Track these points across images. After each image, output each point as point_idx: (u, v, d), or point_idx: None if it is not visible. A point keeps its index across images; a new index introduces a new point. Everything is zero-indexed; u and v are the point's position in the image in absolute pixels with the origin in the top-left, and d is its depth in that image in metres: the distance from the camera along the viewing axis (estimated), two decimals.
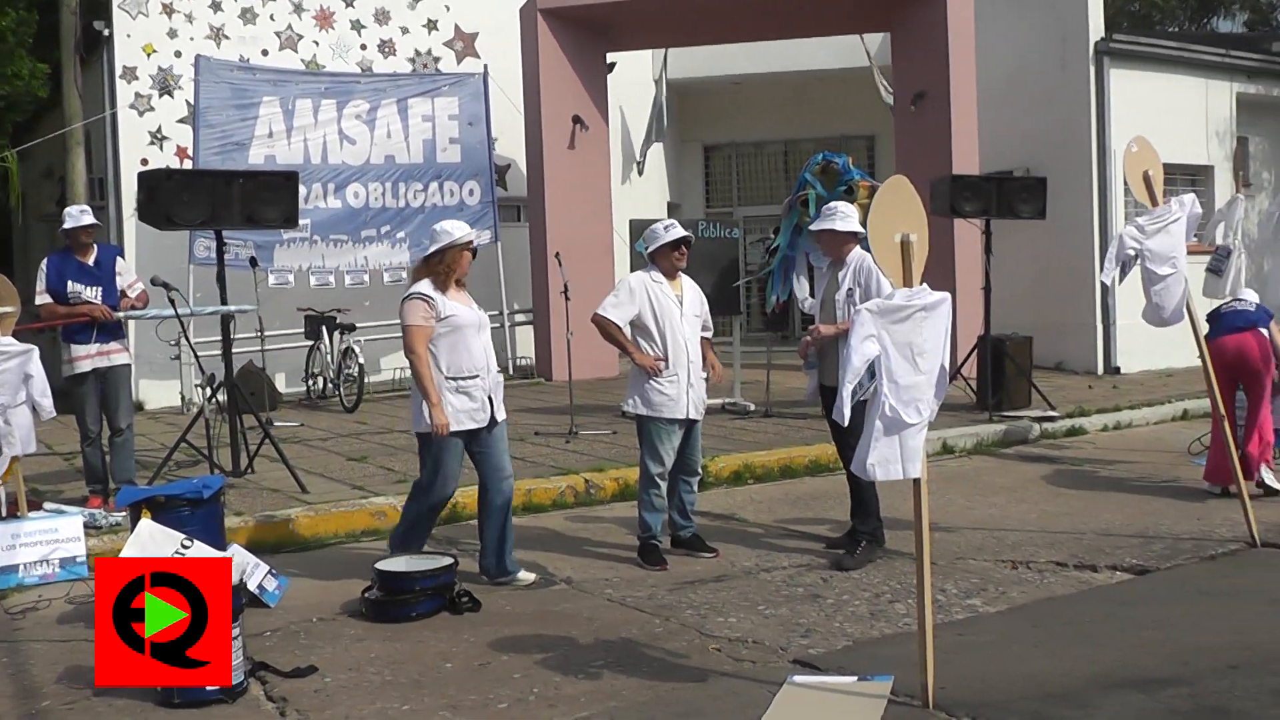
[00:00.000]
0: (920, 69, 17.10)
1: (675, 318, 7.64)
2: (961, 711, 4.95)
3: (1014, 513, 9.01)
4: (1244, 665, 5.47)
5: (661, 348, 7.62)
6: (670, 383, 7.57)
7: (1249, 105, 20.18)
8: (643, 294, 7.65)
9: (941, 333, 5.27)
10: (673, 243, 7.66)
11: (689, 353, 7.63)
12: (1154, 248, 8.00)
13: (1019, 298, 17.57)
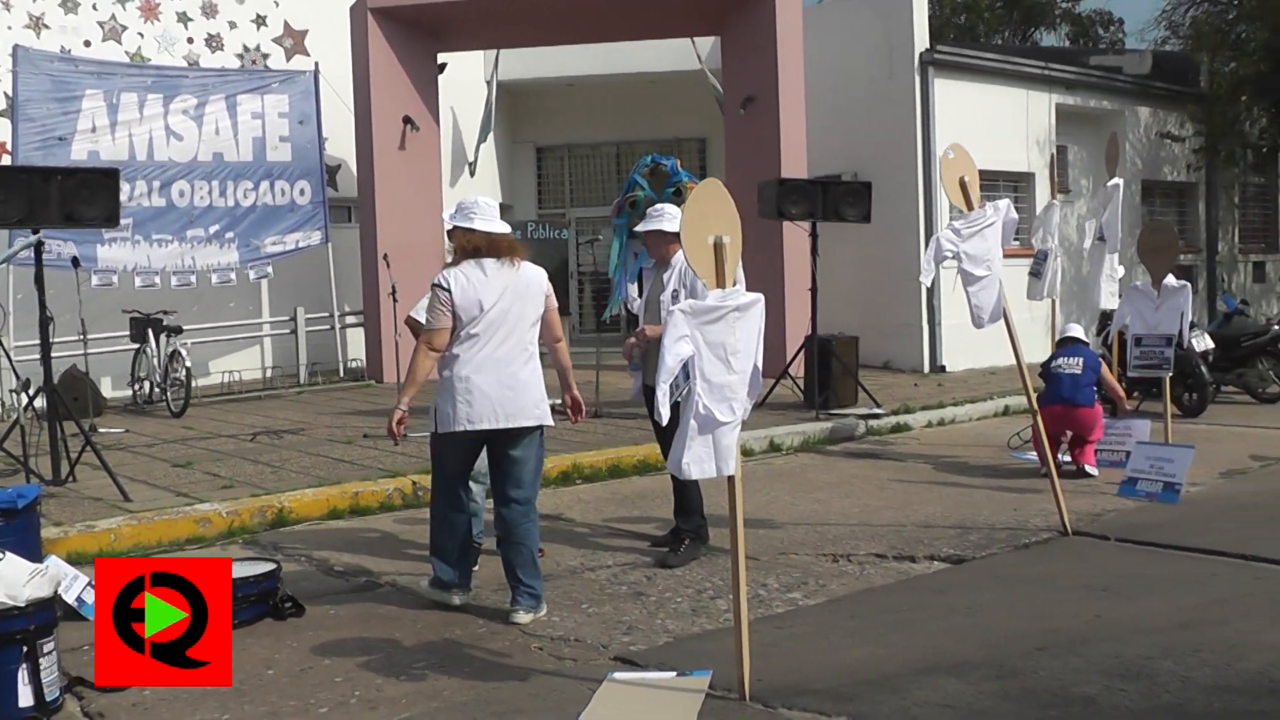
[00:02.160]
0: (750, 73, 17.34)
1: None
2: (777, 702, 5.05)
3: (837, 507, 9.19)
4: (1050, 647, 5.69)
5: None
6: None
7: (1068, 116, 20.92)
8: None
9: (754, 333, 5.37)
10: None
11: None
12: (970, 250, 8.22)
13: (847, 299, 17.95)
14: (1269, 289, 25.83)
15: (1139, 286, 10.78)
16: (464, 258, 6.38)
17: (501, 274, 6.37)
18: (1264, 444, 11.81)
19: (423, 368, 6.34)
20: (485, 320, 6.30)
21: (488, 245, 6.37)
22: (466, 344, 6.31)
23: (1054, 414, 10.09)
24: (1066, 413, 10.22)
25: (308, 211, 17.56)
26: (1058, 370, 10.41)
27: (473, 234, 6.38)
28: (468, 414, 6.28)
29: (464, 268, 6.34)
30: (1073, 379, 10.31)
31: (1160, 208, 23.85)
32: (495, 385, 6.31)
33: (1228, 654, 5.56)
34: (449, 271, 6.34)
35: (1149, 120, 23.19)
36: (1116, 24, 40.18)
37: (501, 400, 6.33)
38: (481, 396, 6.28)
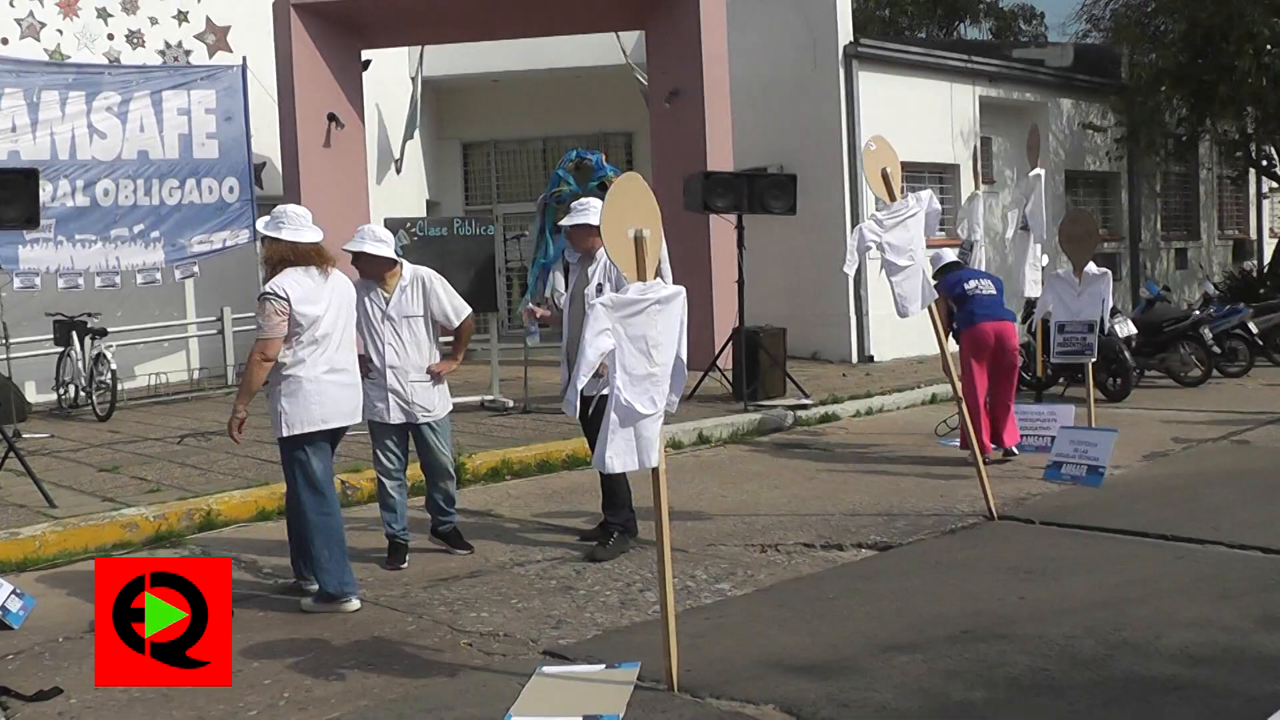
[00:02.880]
0: (675, 67, 17.36)
1: (376, 321, 7.54)
2: (705, 692, 5.07)
3: (766, 498, 9.25)
4: (976, 630, 5.78)
5: (367, 352, 7.56)
6: (374, 386, 7.52)
7: (991, 108, 21.14)
8: (358, 298, 7.59)
9: (676, 325, 5.39)
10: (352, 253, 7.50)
11: (386, 357, 7.52)
12: (893, 241, 8.31)
13: (775, 290, 18.04)
14: (1191, 275, 26.23)
15: (1061, 274, 10.93)
16: (279, 266, 6.62)
17: (327, 281, 6.72)
18: (1186, 427, 12.01)
19: (259, 377, 6.58)
20: (323, 325, 6.65)
21: (294, 254, 6.63)
22: (309, 348, 6.62)
23: (983, 332, 10.30)
24: (998, 329, 10.35)
25: (235, 210, 17.36)
26: (975, 293, 10.51)
27: (279, 243, 6.65)
28: (322, 414, 6.64)
29: (294, 276, 6.59)
30: (992, 298, 10.54)
31: (1084, 197, 24.15)
32: (340, 386, 6.74)
33: (1149, 631, 5.67)
34: (281, 281, 6.55)
35: (1071, 111, 23.48)
36: (1039, 18, 40.63)
37: (346, 399, 6.81)
38: (331, 397, 6.67)
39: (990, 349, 10.38)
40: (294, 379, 6.57)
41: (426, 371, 7.62)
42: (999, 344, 10.40)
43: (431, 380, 7.65)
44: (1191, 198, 27.46)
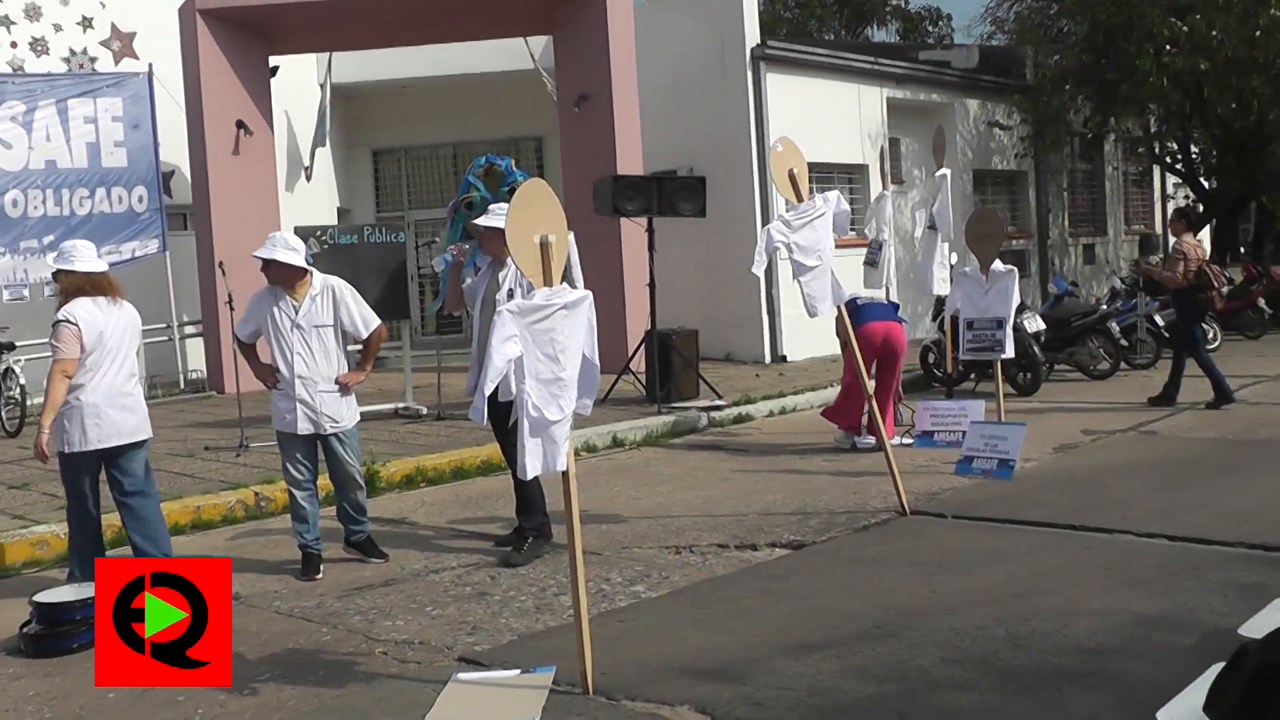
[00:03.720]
0: (583, 71, 17.37)
1: (285, 330, 7.48)
2: (620, 694, 5.08)
3: (680, 500, 9.26)
4: (888, 624, 5.83)
5: (275, 361, 7.52)
6: (283, 397, 7.50)
7: (898, 109, 21.37)
8: (260, 308, 7.54)
9: (583, 330, 5.40)
10: (262, 260, 7.47)
11: (295, 367, 7.46)
12: (800, 241, 8.36)
13: (688, 292, 18.07)
14: (1098, 270, 26.66)
15: (968, 272, 11.06)
16: (72, 296, 7.02)
17: (112, 309, 7.13)
18: (1095, 419, 12.20)
19: (60, 393, 6.86)
20: (107, 350, 7.00)
21: (90, 284, 7.10)
22: (91, 373, 6.95)
23: (872, 330, 10.92)
24: (887, 328, 11.04)
25: (145, 219, 17.10)
26: (864, 302, 11.30)
27: (74, 274, 7.09)
28: (97, 435, 6.96)
29: (84, 304, 6.99)
30: (883, 305, 11.48)
31: (992, 195, 24.47)
32: (120, 409, 7.04)
33: (1058, 620, 5.75)
34: (73, 308, 6.94)
35: (978, 112, 23.79)
36: (944, 20, 41.10)
37: (125, 420, 7.07)
38: (109, 419, 6.98)
39: (877, 347, 10.99)
40: (74, 401, 6.91)
41: (335, 382, 7.56)
42: (885, 343, 11.04)
43: (340, 391, 7.58)
44: (1098, 194, 27.94)
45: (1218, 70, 20.37)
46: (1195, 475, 9.27)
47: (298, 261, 7.44)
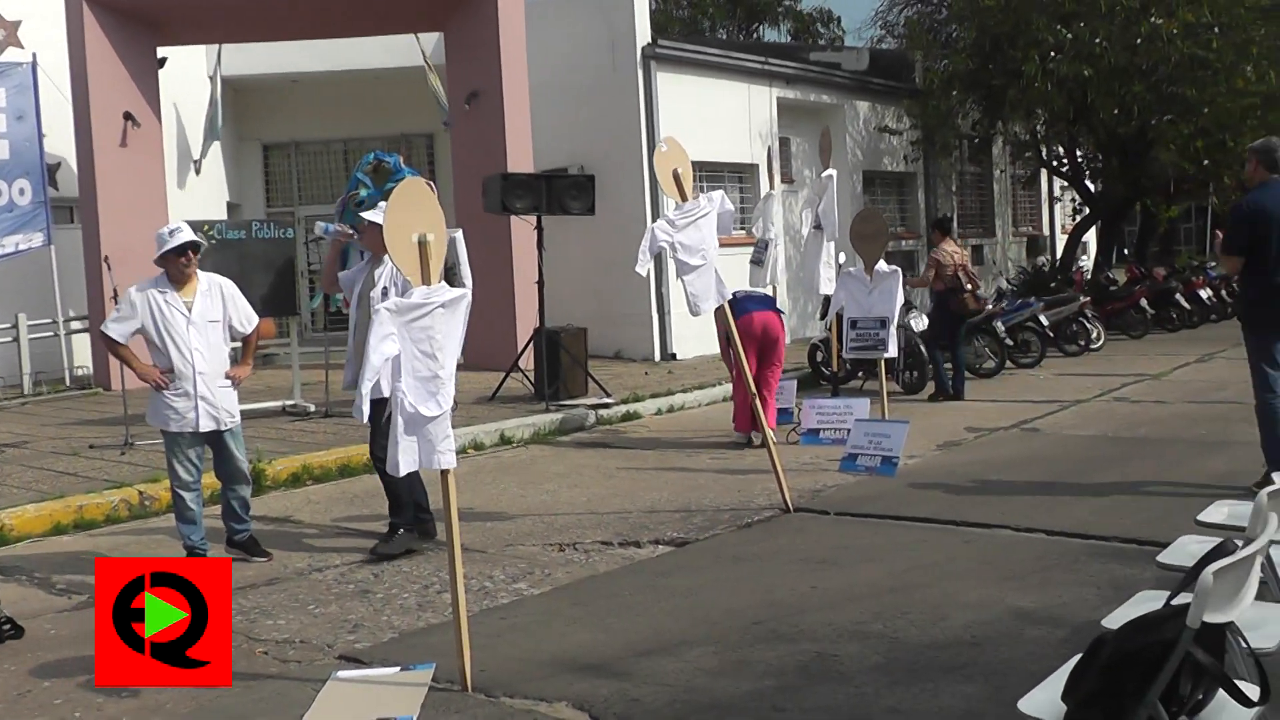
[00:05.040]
0: (474, 68, 17.27)
1: (180, 327, 7.35)
2: (499, 691, 5.07)
3: (566, 498, 9.25)
4: (768, 620, 5.87)
5: (167, 360, 7.36)
6: (178, 396, 7.34)
7: (789, 109, 21.54)
8: (144, 306, 7.36)
9: (460, 328, 5.38)
10: (177, 249, 7.33)
11: (195, 364, 7.35)
12: (685, 241, 8.40)
13: (578, 290, 18.05)
14: (986, 271, 27.08)
15: (853, 272, 11.18)
16: None
17: None
18: (979, 416, 12.39)
19: None
20: None
21: None
22: None
23: (751, 320, 11.03)
24: (764, 318, 11.16)
25: (28, 212, 16.69)
26: (741, 295, 11.28)
27: None
28: None
29: None
30: (761, 297, 11.64)
31: (881, 196, 24.77)
32: None
33: (934, 613, 5.85)
34: None
35: (868, 114, 24.04)
36: (835, 22, 41.51)
37: None
38: None
39: (757, 337, 11.09)
40: None
41: (225, 377, 7.48)
42: (764, 332, 11.16)
43: (230, 385, 7.52)
44: (986, 197, 28.41)
45: (1101, 77, 20.83)
46: (1074, 471, 9.45)
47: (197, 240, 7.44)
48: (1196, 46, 20.31)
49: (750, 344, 10.96)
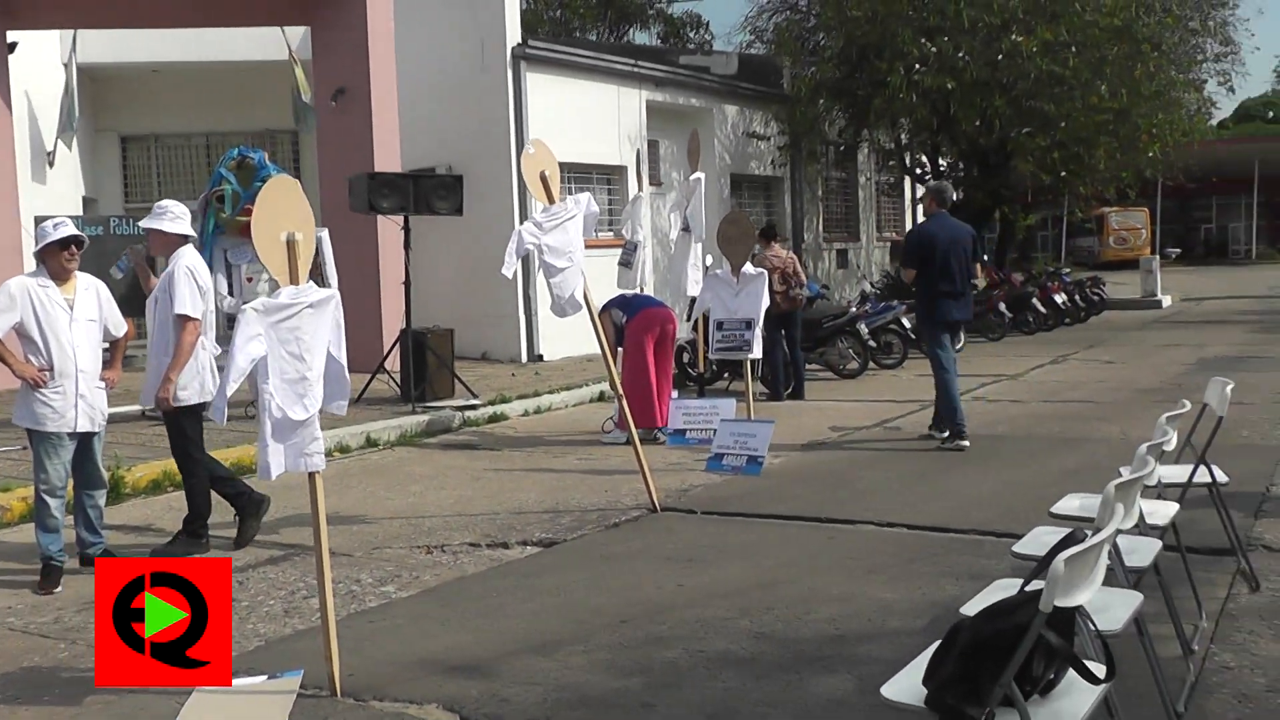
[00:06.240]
0: (341, 65, 17.03)
1: (63, 324, 7.12)
2: (368, 695, 5.04)
3: (433, 499, 9.20)
4: (635, 619, 5.93)
5: (46, 357, 7.10)
6: (56, 394, 7.08)
7: (658, 112, 21.65)
8: (25, 300, 7.09)
9: (328, 328, 5.34)
10: (61, 241, 7.12)
11: (77, 361, 7.14)
12: (551, 243, 8.42)
13: (445, 291, 17.97)
14: (850, 274, 27.53)
15: (719, 274, 11.30)
16: None
17: None
18: (842, 416, 12.60)
19: None
20: None
21: None
22: None
23: (651, 315, 11.42)
24: (662, 313, 11.49)
25: None
26: (634, 295, 11.89)
27: None
28: None
29: None
30: (651, 298, 12.03)
31: (749, 200, 25.02)
32: None
33: (799, 608, 5.96)
34: None
35: (736, 117, 24.28)
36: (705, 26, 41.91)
37: None
38: None
39: (658, 330, 11.30)
40: None
41: (100, 379, 7.33)
42: (663, 327, 11.40)
43: (105, 388, 7.38)
44: (851, 202, 28.88)
45: (964, 90, 21.38)
46: (935, 468, 9.67)
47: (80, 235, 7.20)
48: (1054, 64, 20.97)
49: (650, 336, 11.24)
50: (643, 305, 11.51)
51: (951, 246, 10.56)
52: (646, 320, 11.30)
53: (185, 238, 7.58)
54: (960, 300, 10.70)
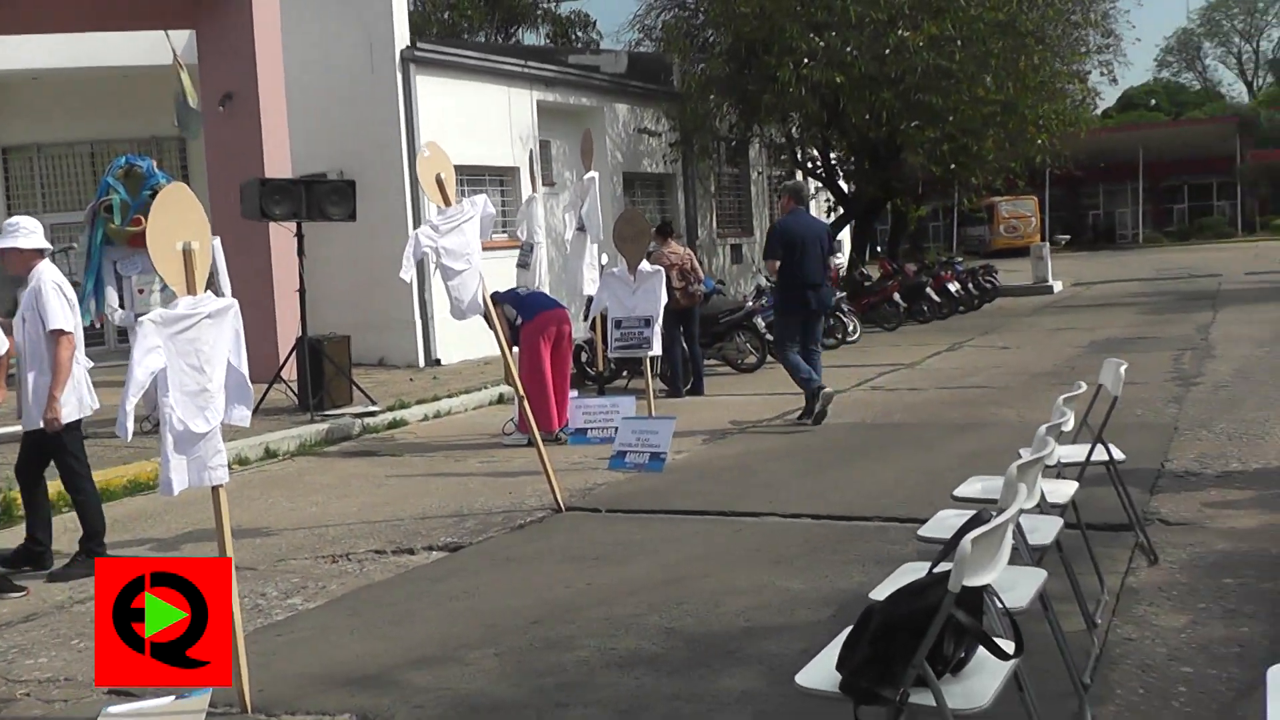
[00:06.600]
0: (228, 69, 16.78)
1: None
2: (280, 709, 4.99)
3: (336, 508, 9.11)
4: (545, 619, 5.93)
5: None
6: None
7: (549, 112, 21.63)
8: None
9: (229, 339, 5.27)
10: None
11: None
12: (448, 245, 8.38)
13: (340, 298, 17.80)
14: (745, 269, 27.70)
15: (616, 273, 11.31)
16: None
17: None
18: (742, 410, 12.70)
19: None
20: None
21: None
22: None
23: (547, 318, 11.38)
24: (558, 315, 11.49)
25: None
26: (528, 292, 11.89)
27: None
28: None
29: None
30: (546, 296, 12.08)
31: (642, 197, 25.07)
32: None
33: (709, 602, 6.00)
34: None
35: (627, 116, 24.32)
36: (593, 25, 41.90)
37: None
38: None
39: (554, 333, 11.30)
40: None
41: None
42: (558, 329, 11.42)
43: None
44: (744, 197, 29.06)
45: (853, 84, 21.63)
46: (837, 458, 9.79)
47: None
48: (940, 58, 21.28)
49: (547, 340, 11.24)
50: (538, 307, 11.47)
51: (809, 240, 11.52)
52: (542, 323, 11.28)
53: (41, 252, 7.42)
54: (818, 290, 11.61)
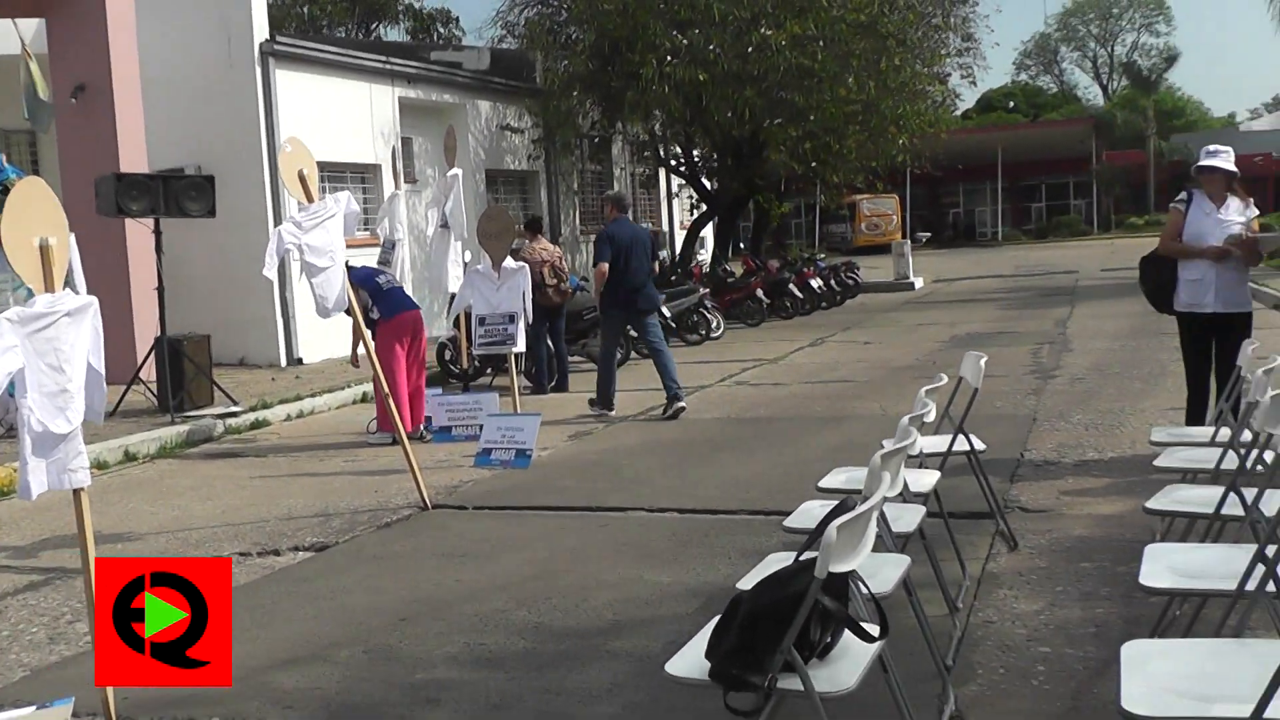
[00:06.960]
0: (80, 60, 16.32)
1: None
2: (145, 718, 4.92)
3: (199, 511, 8.98)
4: (414, 617, 5.95)
5: None
6: None
7: (411, 108, 21.50)
8: None
9: (88, 337, 5.18)
10: None
11: None
12: (312, 242, 8.32)
13: (200, 296, 17.44)
14: None
15: (480, 270, 11.31)
16: None
17: None
18: None
19: None
20: None
21: None
22: None
23: (403, 321, 11.33)
24: (414, 317, 11.47)
25: None
26: (389, 286, 11.61)
27: None
28: None
29: None
30: (404, 292, 11.92)
31: (505, 194, 25.03)
32: None
33: (576, 596, 6.07)
34: None
35: (490, 113, 24.26)
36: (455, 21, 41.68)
37: None
38: None
39: (409, 337, 11.28)
40: None
41: None
42: (415, 331, 11.41)
43: None
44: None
45: (716, 82, 21.85)
46: (702, 452, 9.92)
47: None
48: (803, 57, 21.57)
49: (404, 344, 11.21)
50: (397, 307, 11.35)
51: (633, 245, 12.21)
52: (398, 325, 11.21)
53: None
54: (643, 291, 12.32)
